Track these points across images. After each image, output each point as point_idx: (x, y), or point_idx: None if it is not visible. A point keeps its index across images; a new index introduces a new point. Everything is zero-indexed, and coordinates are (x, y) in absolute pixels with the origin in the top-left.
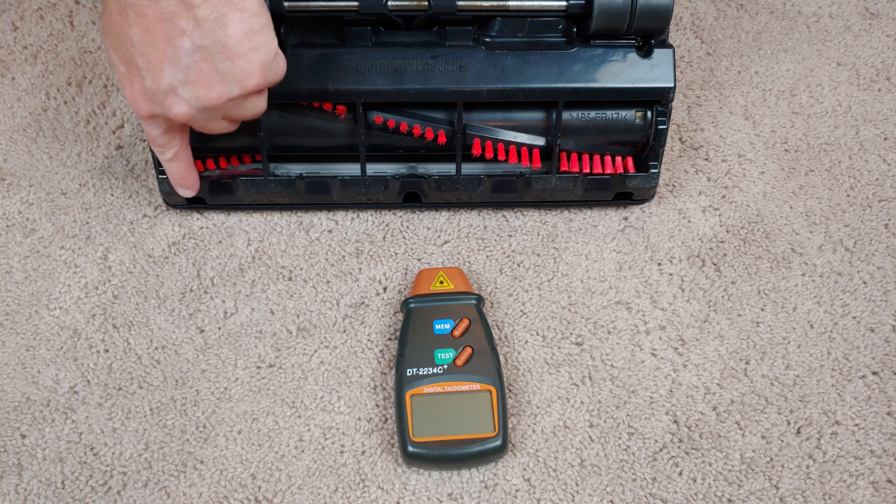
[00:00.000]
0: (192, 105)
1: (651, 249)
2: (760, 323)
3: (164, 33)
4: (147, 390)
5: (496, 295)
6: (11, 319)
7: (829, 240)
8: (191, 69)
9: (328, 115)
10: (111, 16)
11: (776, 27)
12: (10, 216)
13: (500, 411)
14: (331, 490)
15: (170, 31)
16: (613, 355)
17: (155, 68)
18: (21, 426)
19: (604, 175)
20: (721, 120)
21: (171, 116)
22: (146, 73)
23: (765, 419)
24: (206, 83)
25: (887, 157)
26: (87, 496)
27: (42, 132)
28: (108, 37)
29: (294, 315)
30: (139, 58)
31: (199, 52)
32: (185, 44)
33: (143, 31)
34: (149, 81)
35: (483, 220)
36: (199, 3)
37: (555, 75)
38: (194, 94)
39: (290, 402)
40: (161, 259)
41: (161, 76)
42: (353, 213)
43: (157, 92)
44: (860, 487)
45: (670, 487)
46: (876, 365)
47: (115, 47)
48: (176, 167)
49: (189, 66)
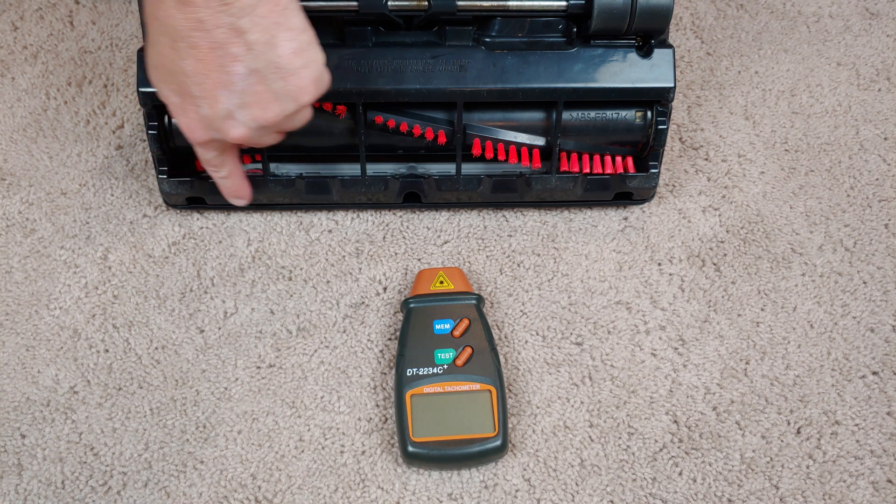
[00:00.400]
0: (250, 126)
1: (651, 249)
2: (760, 323)
3: (217, 61)
4: (147, 390)
5: (496, 295)
6: (11, 319)
7: (829, 240)
8: (246, 93)
9: (328, 115)
10: (161, 50)
11: (776, 27)
12: (10, 216)
13: (500, 411)
14: (331, 490)
15: (222, 59)
16: (613, 355)
17: (210, 96)
18: (21, 426)
19: (604, 175)
20: (721, 120)
21: (228, 139)
22: (202, 102)
23: (765, 419)
24: (262, 104)
25: (887, 157)
26: (87, 496)
27: (42, 132)
28: (159, 71)
29: (294, 315)
30: (194, 87)
31: (254, 76)
32: (238, 69)
33: (196, 61)
34: (205, 109)
35: (483, 220)
36: (248, 28)
37: (555, 75)
38: (251, 116)
39: (290, 402)
40: (161, 259)
41: (217, 103)
42: (353, 213)
43: (215, 118)
44: (860, 487)
45: (670, 487)
46: (876, 365)
47: (167, 80)
48: (231, 182)
49: (244, 90)
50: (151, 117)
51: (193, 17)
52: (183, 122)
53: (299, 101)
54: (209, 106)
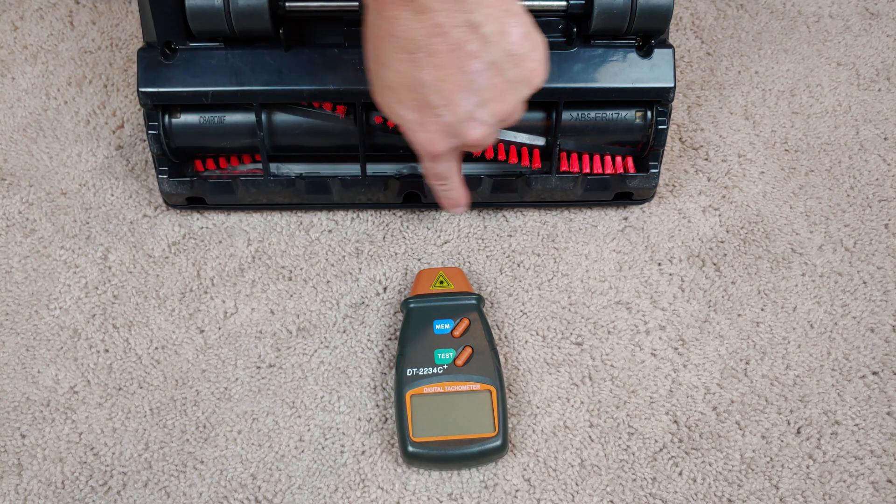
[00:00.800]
0: (490, 123)
1: (651, 249)
2: (760, 323)
3: (455, 63)
4: (147, 390)
5: (496, 295)
6: (11, 319)
7: (829, 240)
8: (485, 88)
9: (328, 115)
10: (396, 67)
11: (776, 27)
12: (10, 216)
13: (500, 411)
14: (331, 490)
15: (460, 59)
16: (613, 355)
17: (451, 101)
18: (21, 426)
19: (604, 175)
20: (721, 120)
21: (467, 143)
22: (442, 110)
23: (765, 419)
24: (500, 97)
25: (887, 157)
26: (87, 496)
27: (42, 132)
28: (393, 92)
29: (294, 315)
30: (433, 96)
31: (491, 69)
32: (476, 65)
33: (434, 69)
34: (446, 116)
35: (483, 220)
36: (482, 22)
37: (555, 75)
38: (491, 112)
39: (290, 402)
40: (161, 259)
41: (458, 106)
42: (353, 213)
43: (456, 123)
44: (860, 487)
45: (670, 487)
46: (876, 365)
47: (404, 99)
48: (455, 192)
49: (483, 87)
50: (151, 117)
51: (431, 23)
52: (422, 137)
53: (532, 84)
54: (450, 112)
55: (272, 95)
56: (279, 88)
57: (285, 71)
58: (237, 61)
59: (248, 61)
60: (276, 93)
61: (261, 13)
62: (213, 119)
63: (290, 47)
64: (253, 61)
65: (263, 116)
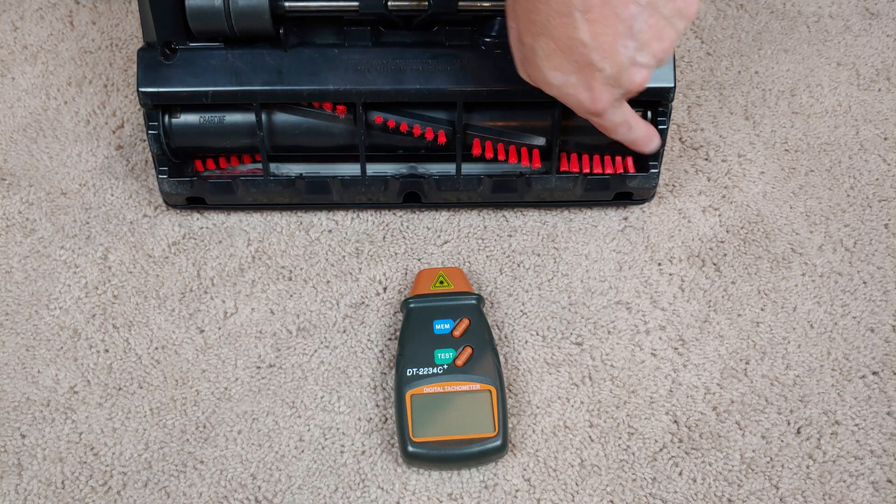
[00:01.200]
0: (651, 64)
1: (651, 249)
2: (760, 323)
3: (612, 12)
4: (147, 390)
5: (496, 295)
6: (11, 319)
7: (829, 240)
8: (643, 31)
9: (328, 115)
10: (553, 34)
11: (776, 27)
12: (10, 216)
13: (500, 411)
14: (331, 490)
15: (616, 7)
16: (613, 355)
17: (611, 53)
18: (21, 426)
19: (604, 175)
20: (721, 120)
21: (632, 89)
22: (604, 63)
23: (765, 419)
24: (658, 35)
25: (887, 157)
26: (87, 496)
27: (42, 132)
28: (550, 59)
29: (294, 315)
30: (593, 53)
31: (647, 10)
32: (632, 10)
33: (590, 24)
34: (608, 69)
35: (483, 220)
36: None
37: None
38: (651, 53)
39: (290, 402)
40: (161, 259)
41: (619, 56)
42: (353, 213)
43: (619, 73)
44: (860, 487)
45: (670, 487)
46: (876, 365)
47: (563, 64)
48: (641, 128)
49: (641, 30)
50: (151, 117)
51: None
52: (585, 97)
53: (688, 15)
54: (612, 63)
55: (272, 95)
56: (279, 88)
57: (285, 71)
58: (237, 61)
59: (248, 61)
60: (276, 93)
61: (261, 13)
62: (213, 119)
63: (290, 47)
64: (253, 61)
65: (263, 116)
